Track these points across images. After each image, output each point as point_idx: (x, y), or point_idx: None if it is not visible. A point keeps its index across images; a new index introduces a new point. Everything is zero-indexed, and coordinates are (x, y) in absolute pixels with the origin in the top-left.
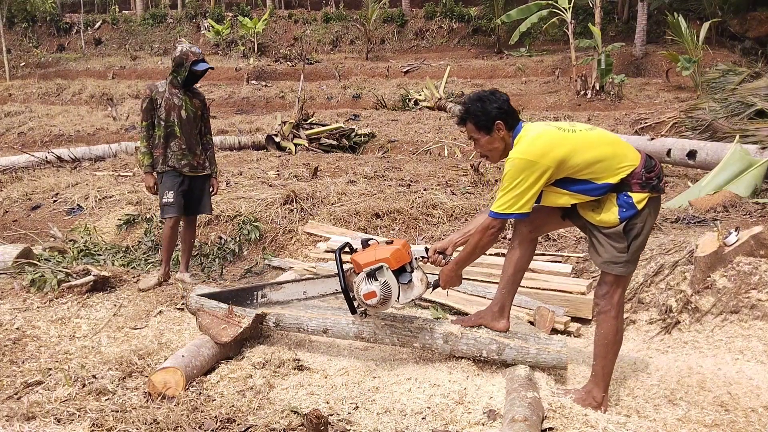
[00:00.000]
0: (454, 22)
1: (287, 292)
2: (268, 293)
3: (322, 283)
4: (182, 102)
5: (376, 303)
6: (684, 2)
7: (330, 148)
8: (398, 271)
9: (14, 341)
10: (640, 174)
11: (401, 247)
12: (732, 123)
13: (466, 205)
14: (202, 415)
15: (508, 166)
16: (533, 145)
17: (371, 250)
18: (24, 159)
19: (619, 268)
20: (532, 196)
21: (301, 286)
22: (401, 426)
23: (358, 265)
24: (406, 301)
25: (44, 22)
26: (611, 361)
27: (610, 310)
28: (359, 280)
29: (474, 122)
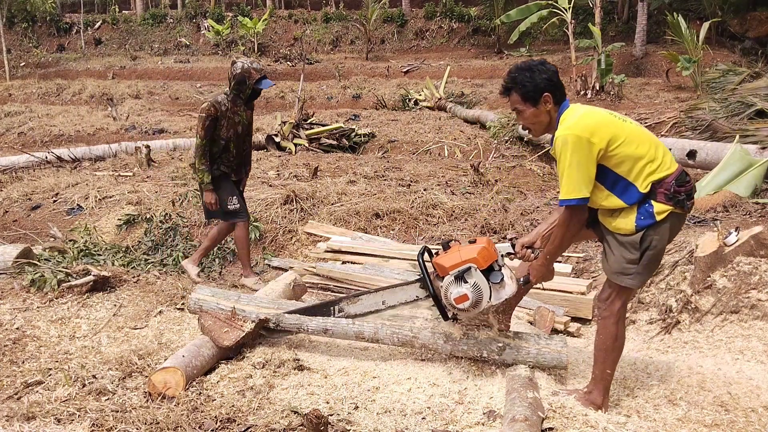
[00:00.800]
0: (454, 22)
1: (365, 303)
2: (345, 307)
3: (401, 291)
4: (240, 118)
5: (469, 306)
6: (684, 2)
7: (330, 148)
8: (486, 271)
9: (14, 341)
10: (669, 184)
11: (487, 244)
12: (732, 123)
13: (466, 205)
14: (202, 415)
15: (560, 145)
16: (582, 121)
17: (455, 252)
18: (24, 159)
19: (627, 279)
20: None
21: (379, 297)
22: (401, 426)
23: (442, 268)
24: (498, 301)
25: (44, 22)
26: (611, 367)
27: (610, 317)
28: (446, 284)
29: (520, 92)
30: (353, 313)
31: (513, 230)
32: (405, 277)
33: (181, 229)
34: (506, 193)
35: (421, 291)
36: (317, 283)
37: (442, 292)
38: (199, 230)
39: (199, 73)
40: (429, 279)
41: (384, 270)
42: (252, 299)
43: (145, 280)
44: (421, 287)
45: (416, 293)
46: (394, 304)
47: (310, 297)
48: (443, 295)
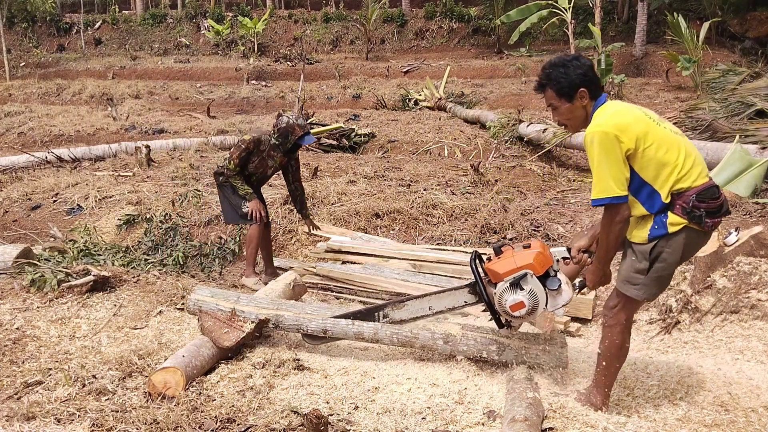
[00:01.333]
0: (454, 22)
1: (411, 309)
2: (390, 312)
3: (449, 297)
4: (273, 163)
5: (525, 314)
6: (684, 2)
7: (330, 148)
8: (542, 277)
9: (14, 341)
10: (689, 198)
11: (542, 249)
12: (732, 123)
13: (466, 205)
14: (202, 415)
15: (588, 144)
16: (613, 119)
17: (508, 257)
18: (24, 159)
19: (633, 289)
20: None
21: (426, 302)
22: (401, 426)
23: (496, 274)
24: (554, 309)
25: (44, 22)
26: (613, 374)
27: (616, 326)
28: (500, 290)
29: (555, 88)
30: (398, 319)
31: (513, 230)
32: (405, 277)
33: (181, 229)
34: (506, 193)
35: (470, 296)
36: (317, 283)
37: (495, 299)
38: (199, 230)
39: (199, 73)
40: (483, 285)
41: (384, 270)
42: (251, 300)
43: (145, 280)
44: (470, 293)
45: (464, 299)
46: (441, 309)
47: (310, 297)
48: (497, 302)
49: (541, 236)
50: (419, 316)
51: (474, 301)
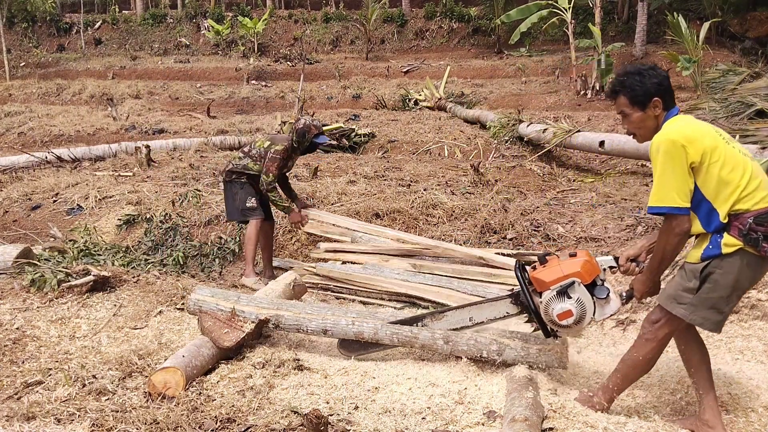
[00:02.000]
0: (454, 22)
1: (451, 320)
2: (429, 323)
3: (490, 307)
4: (292, 163)
5: (572, 323)
6: (684, 2)
7: (330, 148)
8: (590, 286)
9: (14, 341)
10: (746, 220)
11: (588, 258)
12: (732, 123)
13: (466, 205)
14: (202, 415)
15: (653, 151)
16: (682, 130)
17: (554, 265)
18: (24, 159)
19: (679, 308)
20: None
21: (466, 313)
22: (401, 426)
23: (542, 282)
24: (601, 318)
25: (44, 22)
26: (629, 383)
27: (652, 341)
28: (547, 299)
29: (629, 96)
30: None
31: (513, 230)
32: (405, 277)
33: (181, 229)
34: (506, 193)
35: (512, 307)
36: (317, 283)
37: (541, 308)
38: (199, 230)
39: (199, 73)
40: (529, 294)
41: (384, 270)
42: (252, 300)
43: (145, 280)
44: (512, 303)
45: (506, 309)
46: (481, 320)
47: (310, 297)
48: (543, 311)
49: (541, 236)
50: (458, 327)
51: (516, 311)
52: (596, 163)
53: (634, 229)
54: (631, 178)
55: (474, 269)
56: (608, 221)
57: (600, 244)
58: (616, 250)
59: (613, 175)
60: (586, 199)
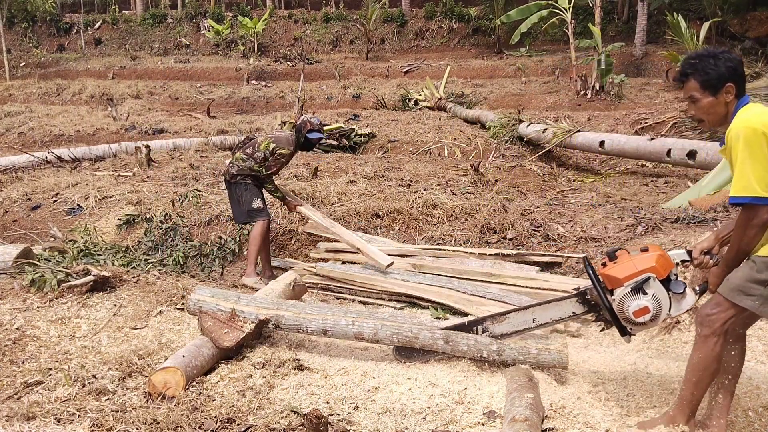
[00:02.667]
0: (454, 22)
1: (513, 322)
2: (490, 326)
3: (555, 308)
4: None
5: (649, 319)
6: (684, 2)
7: (330, 148)
8: (665, 281)
9: (14, 341)
10: None
11: (661, 252)
12: None
13: (466, 205)
14: (202, 415)
15: (732, 139)
16: (761, 117)
17: (626, 261)
18: (24, 159)
19: (747, 300)
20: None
21: (529, 314)
22: (401, 426)
23: (614, 279)
24: (677, 314)
25: (44, 22)
26: (702, 390)
27: (712, 336)
28: (621, 296)
29: (700, 79)
30: (499, 333)
31: (513, 230)
32: (405, 277)
33: (181, 229)
34: (506, 193)
35: (578, 306)
36: (317, 283)
37: (615, 305)
38: (199, 230)
39: (199, 73)
40: (602, 292)
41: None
42: (252, 300)
43: (145, 280)
44: (578, 302)
45: (572, 309)
46: (546, 321)
47: (310, 297)
48: (617, 309)
49: (541, 236)
50: (522, 329)
51: (583, 311)
52: (596, 163)
53: (634, 229)
54: (631, 178)
55: (474, 269)
56: (608, 221)
57: (600, 244)
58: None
59: (613, 175)
60: (586, 199)
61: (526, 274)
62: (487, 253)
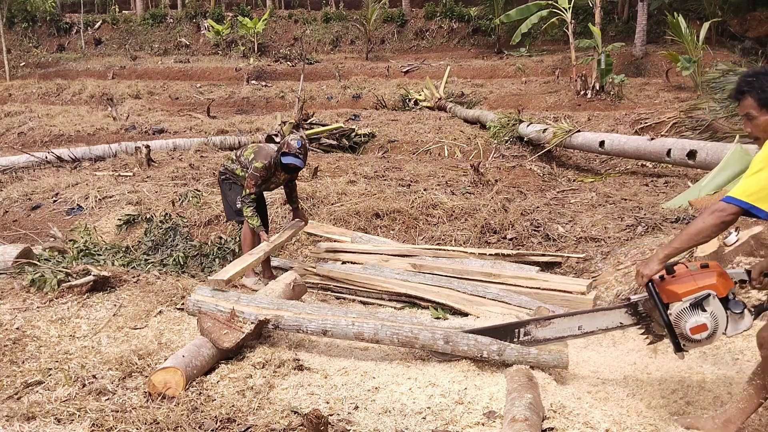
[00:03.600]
0: (454, 22)
1: (557, 328)
2: (533, 330)
3: (602, 317)
4: (277, 180)
5: (705, 337)
6: (684, 2)
7: (330, 148)
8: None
9: (14, 341)
10: None
11: (722, 270)
12: (732, 123)
13: (466, 205)
14: (202, 415)
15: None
16: None
17: (686, 276)
18: (24, 159)
19: None
20: None
21: (576, 321)
22: (401, 426)
23: (673, 294)
24: (733, 334)
25: (44, 22)
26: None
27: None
28: (678, 311)
29: (758, 98)
30: (542, 338)
31: (513, 230)
32: (405, 277)
33: (181, 229)
34: (506, 193)
35: (627, 317)
36: (317, 283)
37: (672, 320)
38: (199, 230)
39: (199, 73)
40: (663, 306)
41: (384, 270)
42: (252, 300)
43: (145, 280)
44: (627, 313)
45: (620, 319)
46: (592, 330)
47: (310, 297)
48: (673, 324)
49: (541, 236)
50: (566, 336)
51: (631, 322)
52: (596, 163)
53: (634, 229)
54: (631, 178)
55: (474, 269)
56: (608, 221)
57: (600, 244)
58: (616, 250)
59: (613, 175)
60: (586, 199)
61: (526, 274)
62: (487, 253)
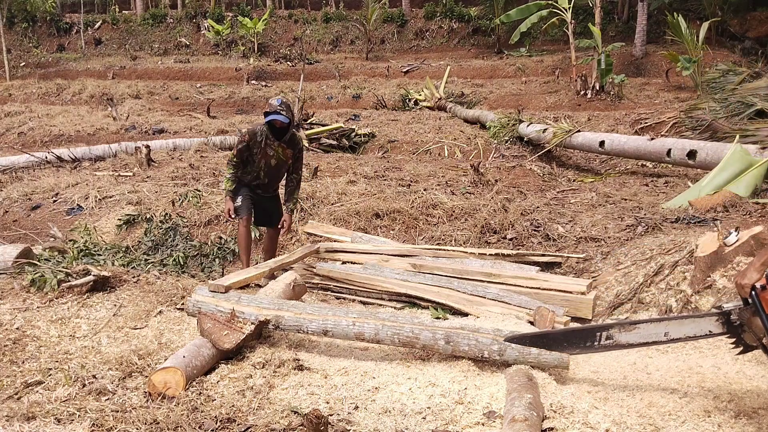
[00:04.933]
0: (454, 22)
1: (643, 333)
2: (616, 334)
3: (692, 324)
4: (274, 152)
5: None
6: (684, 2)
7: (330, 148)
8: None
9: (14, 341)
10: None
11: None
12: (732, 123)
13: (466, 205)
14: (202, 415)
15: None
16: None
17: None
18: (24, 159)
19: None
20: None
21: (662, 327)
22: (401, 426)
23: None
24: None
25: (44, 22)
26: None
27: None
28: None
29: None
30: (625, 342)
31: (513, 230)
32: (405, 277)
33: (181, 229)
34: (506, 193)
35: (717, 326)
36: (317, 283)
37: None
38: (199, 230)
39: (199, 73)
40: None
41: (384, 270)
42: (252, 300)
43: (145, 280)
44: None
45: (710, 327)
46: (679, 337)
47: (310, 297)
48: None
49: (541, 236)
50: (651, 342)
51: (721, 331)
52: (596, 163)
53: (634, 229)
54: (631, 178)
55: (474, 269)
56: (608, 221)
57: (600, 244)
58: (615, 250)
59: (613, 175)
60: (586, 199)
61: (526, 274)
62: (487, 253)
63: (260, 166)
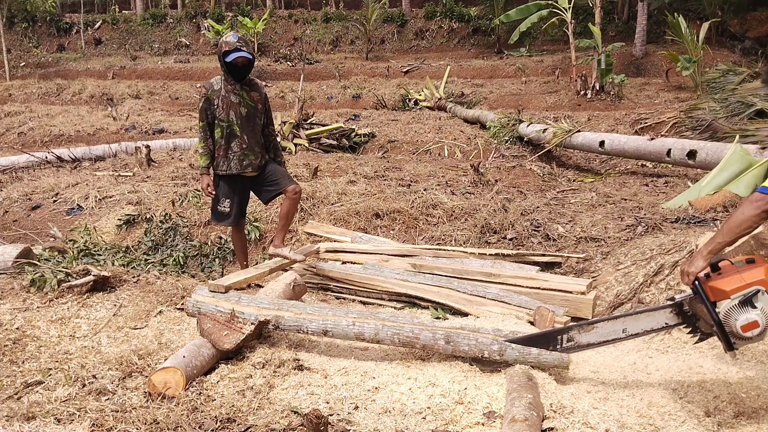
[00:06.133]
0: (454, 22)
1: (601, 332)
2: (576, 336)
3: (647, 318)
4: (239, 98)
5: (756, 334)
6: (684, 2)
7: (330, 148)
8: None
9: (14, 341)
10: None
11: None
12: (732, 123)
13: (466, 205)
14: (202, 415)
15: None
16: None
17: (732, 273)
18: (24, 159)
19: None
20: None
21: (620, 324)
22: (401, 426)
23: (720, 291)
24: None
25: (44, 22)
26: None
27: None
28: (727, 309)
29: None
30: (585, 343)
31: (513, 230)
32: (405, 277)
33: (181, 229)
34: (506, 193)
35: (672, 317)
36: (317, 283)
37: (721, 318)
38: (199, 230)
39: (199, 73)
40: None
41: (384, 270)
42: (252, 300)
43: (145, 280)
44: (672, 313)
45: (665, 320)
46: (637, 332)
47: (310, 297)
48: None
49: (541, 236)
50: (611, 339)
51: (677, 322)
52: (596, 163)
53: (634, 229)
54: (631, 178)
55: (474, 269)
56: (608, 221)
57: (600, 244)
58: (616, 250)
59: (613, 175)
60: (586, 199)
61: (526, 274)
62: (487, 253)
63: (232, 120)
